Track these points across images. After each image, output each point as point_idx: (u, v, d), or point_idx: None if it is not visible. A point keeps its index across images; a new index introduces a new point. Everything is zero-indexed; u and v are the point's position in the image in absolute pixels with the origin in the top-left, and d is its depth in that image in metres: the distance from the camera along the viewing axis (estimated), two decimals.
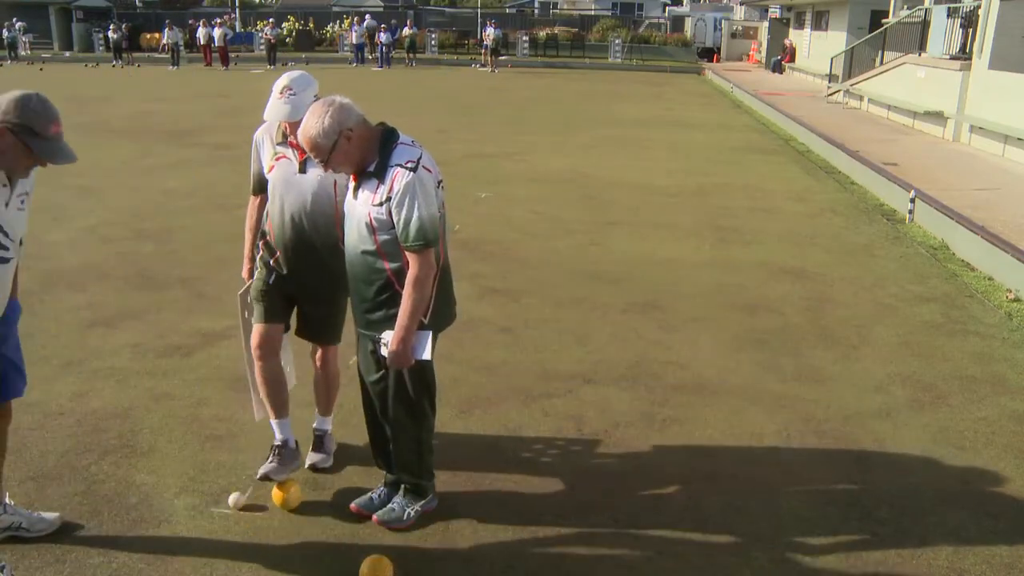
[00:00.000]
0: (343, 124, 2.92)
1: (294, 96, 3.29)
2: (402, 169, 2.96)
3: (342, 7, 43.77)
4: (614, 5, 51.25)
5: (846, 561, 3.19)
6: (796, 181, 11.08)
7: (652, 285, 6.46)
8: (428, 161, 3.04)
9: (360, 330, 3.26)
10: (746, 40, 38.21)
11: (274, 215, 3.50)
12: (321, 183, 3.40)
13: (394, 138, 3.04)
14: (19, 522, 3.16)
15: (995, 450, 4.08)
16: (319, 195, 3.41)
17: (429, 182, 3.00)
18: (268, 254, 3.55)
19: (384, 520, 3.35)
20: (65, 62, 32.13)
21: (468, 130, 14.94)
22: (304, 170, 3.41)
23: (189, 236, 7.58)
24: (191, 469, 3.72)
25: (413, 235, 2.94)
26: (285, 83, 3.31)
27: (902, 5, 19.96)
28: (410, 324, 3.00)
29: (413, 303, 2.98)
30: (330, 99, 2.99)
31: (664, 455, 3.95)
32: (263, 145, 3.54)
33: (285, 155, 3.45)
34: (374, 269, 3.07)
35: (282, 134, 3.46)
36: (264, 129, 3.56)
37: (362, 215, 3.03)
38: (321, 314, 3.62)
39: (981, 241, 7.29)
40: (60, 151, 2.65)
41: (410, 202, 2.93)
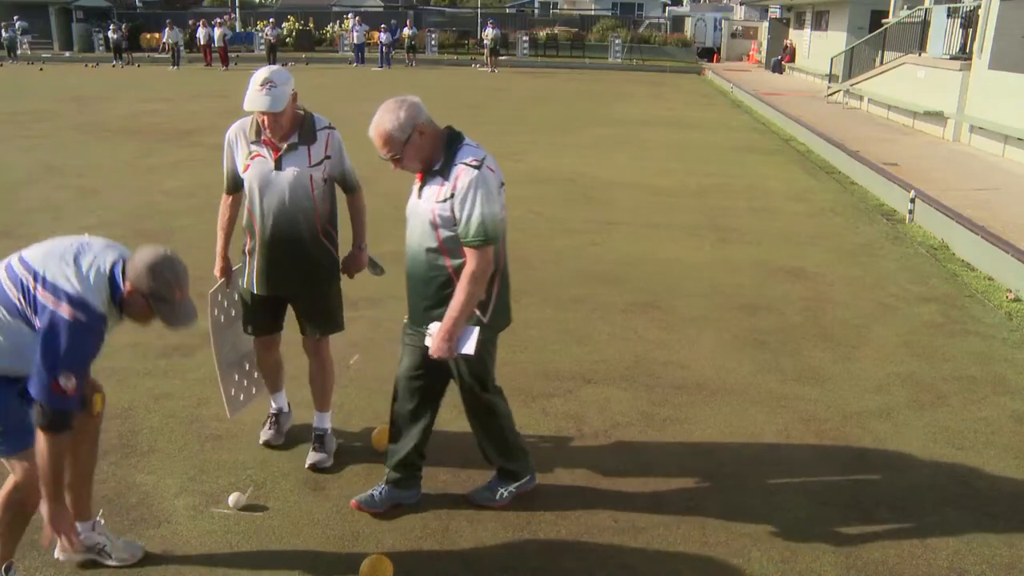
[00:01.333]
0: (417, 120, 3.02)
1: (274, 88, 3.32)
2: (466, 167, 3.02)
3: (342, 7, 43.75)
4: (614, 5, 51.24)
5: (846, 561, 3.19)
6: (796, 181, 11.08)
7: (652, 285, 6.46)
8: (492, 162, 3.11)
9: (414, 327, 3.29)
10: (746, 40, 38.20)
11: (254, 213, 3.53)
12: (298, 178, 3.46)
13: (460, 139, 3.12)
14: (103, 544, 3.06)
15: (995, 450, 4.08)
16: (297, 190, 3.47)
17: (492, 181, 3.06)
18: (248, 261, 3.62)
19: (476, 499, 3.48)
20: (65, 62, 32.12)
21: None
22: (280, 167, 3.46)
23: (189, 236, 7.57)
24: (191, 469, 3.72)
25: (473, 231, 3.00)
26: (265, 76, 3.34)
27: (902, 5, 19.95)
28: (459, 317, 3.05)
29: (466, 297, 3.03)
30: (403, 97, 3.06)
31: (664, 455, 3.95)
32: (237, 144, 3.55)
33: (260, 153, 3.48)
34: (435, 266, 3.13)
35: (255, 132, 3.49)
36: (237, 128, 3.57)
37: (426, 212, 3.09)
38: (319, 306, 3.68)
39: (981, 241, 7.29)
40: (181, 316, 2.67)
41: (472, 199, 2.99)
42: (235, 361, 3.92)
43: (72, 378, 2.48)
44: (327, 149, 3.54)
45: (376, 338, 5.26)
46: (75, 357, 2.49)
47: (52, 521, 2.65)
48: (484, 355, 3.23)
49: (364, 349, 5.07)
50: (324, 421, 3.85)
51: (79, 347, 2.50)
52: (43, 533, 2.70)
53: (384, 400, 4.40)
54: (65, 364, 2.47)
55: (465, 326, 3.08)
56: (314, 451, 3.79)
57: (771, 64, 30.64)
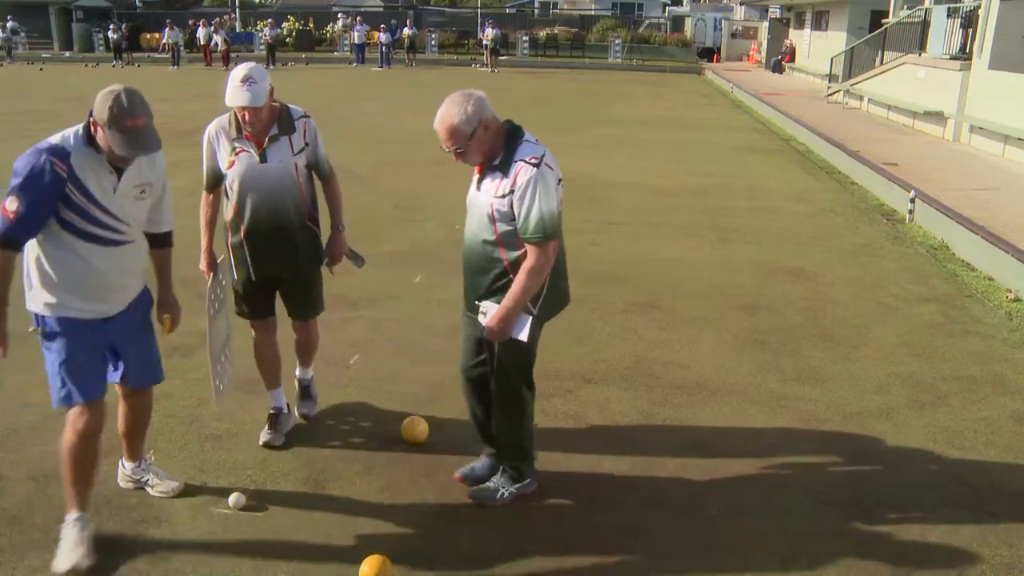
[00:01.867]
0: (483, 114, 3.10)
1: (254, 85, 3.45)
2: (526, 164, 3.09)
3: (342, 7, 43.77)
4: (614, 5, 51.22)
5: (846, 561, 3.19)
6: (796, 181, 11.08)
7: (652, 285, 6.46)
8: (550, 159, 3.17)
9: (469, 313, 3.38)
10: (746, 40, 38.21)
11: (241, 208, 3.67)
12: (284, 168, 3.64)
13: (520, 135, 3.18)
14: (148, 479, 3.51)
15: (995, 450, 4.08)
16: (284, 179, 3.65)
17: (551, 179, 3.13)
18: (240, 246, 3.75)
19: (478, 496, 3.49)
20: (65, 62, 32.12)
21: None
22: (265, 159, 3.61)
23: (189, 236, 7.56)
24: (191, 469, 3.72)
25: (532, 228, 3.07)
26: (245, 73, 3.47)
27: (902, 5, 19.95)
28: (515, 306, 3.14)
29: (523, 288, 3.12)
30: (469, 92, 3.13)
31: (664, 455, 3.95)
32: (219, 142, 3.66)
33: (244, 149, 3.62)
34: (491, 258, 3.22)
35: (236, 129, 3.61)
36: (216, 127, 3.67)
37: (484, 205, 3.18)
38: (305, 291, 3.89)
39: (981, 241, 7.29)
40: (135, 143, 2.86)
41: (532, 196, 3.06)
42: (219, 352, 3.94)
43: (16, 202, 2.82)
44: (305, 137, 3.71)
45: (376, 338, 5.26)
46: (20, 184, 2.83)
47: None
48: (531, 344, 3.30)
49: (364, 349, 5.07)
50: (307, 373, 4.19)
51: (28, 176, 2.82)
52: None
53: (384, 399, 4.42)
54: (11, 190, 2.83)
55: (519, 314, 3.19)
56: (301, 401, 4.14)
57: (771, 64, 30.65)
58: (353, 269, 4.15)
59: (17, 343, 5.08)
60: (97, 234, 2.97)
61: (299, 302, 3.91)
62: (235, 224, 3.73)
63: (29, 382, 4.57)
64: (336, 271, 4.05)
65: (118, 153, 2.86)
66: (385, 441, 4.00)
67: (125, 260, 3.11)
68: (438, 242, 7.41)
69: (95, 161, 2.92)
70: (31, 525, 3.28)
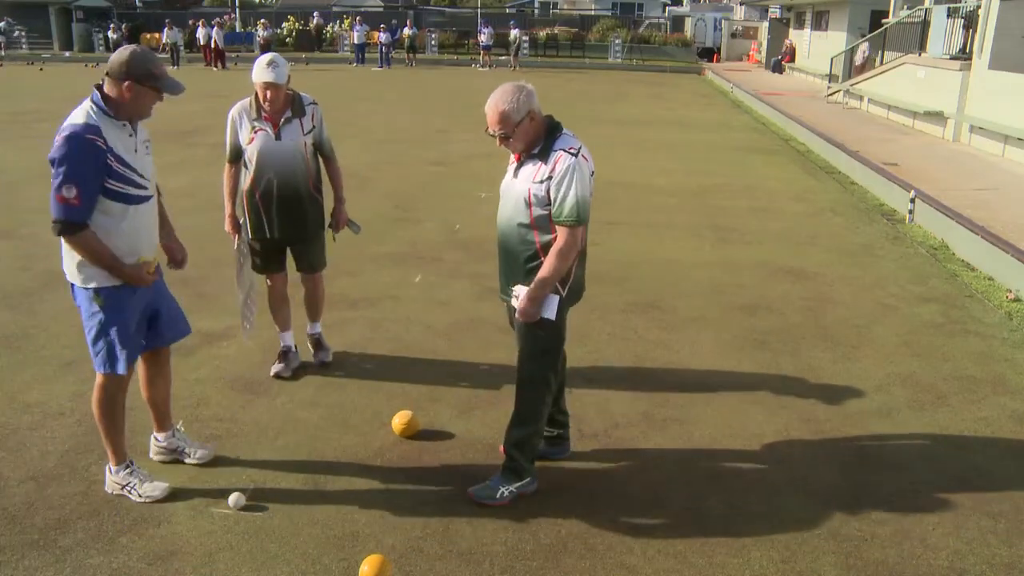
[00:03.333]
0: (531, 105, 3.32)
1: (278, 67, 4.19)
2: (565, 153, 3.30)
3: (342, 7, 43.79)
4: (614, 5, 51.24)
5: (846, 561, 3.19)
6: (796, 181, 11.08)
7: (652, 285, 6.46)
8: (586, 152, 3.36)
9: (503, 296, 3.58)
10: (746, 40, 38.22)
11: (259, 178, 4.33)
12: (296, 146, 4.33)
13: (559, 128, 3.40)
14: (182, 447, 3.77)
15: (995, 450, 4.08)
16: (296, 156, 4.35)
17: (586, 169, 3.32)
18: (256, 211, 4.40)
19: (477, 496, 3.52)
20: (65, 62, 32.12)
21: (469, 130, 14.93)
22: (280, 137, 4.30)
23: (189, 236, 7.54)
24: (191, 469, 3.72)
25: (567, 212, 3.25)
26: (270, 58, 4.23)
27: (902, 5, 19.96)
28: (544, 286, 3.32)
29: (553, 269, 3.30)
30: (521, 84, 3.37)
31: (664, 455, 3.95)
32: (241, 122, 4.34)
33: (263, 128, 4.30)
34: (525, 240, 3.39)
35: (256, 110, 4.28)
36: (240, 108, 4.34)
37: (521, 191, 3.35)
38: (311, 249, 4.60)
39: (981, 241, 7.29)
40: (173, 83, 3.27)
41: (568, 182, 3.25)
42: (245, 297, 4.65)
43: (72, 188, 3.01)
44: (313, 120, 4.41)
45: (376, 338, 5.26)
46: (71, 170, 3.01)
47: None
48: (556, 327, 3.44)
49: (364, 349, 5.07)
50: (317, 327, 4.85)
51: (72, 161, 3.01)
52: None
53: (384, 400, 4.42)
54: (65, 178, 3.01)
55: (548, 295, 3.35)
56: (316, 352, 4.81)
57: (771, 64, 30.65)
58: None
59: (14, 346, 5.10)
60: (133, 194, 3.23)
61: (307, 257, 4.62)
62: (252, 192, 4.37)
63: (29, 382, 4.58)
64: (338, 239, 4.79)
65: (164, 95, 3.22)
66: (385, 441, 4.00)
67: (152, 215, 3.42)
68: (438, 242, 7.41)
69: (117, 127, 3.17)
70: (31, 525, 3.29)
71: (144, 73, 3.13)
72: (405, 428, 4.03)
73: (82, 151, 3.03)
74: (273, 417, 4.23)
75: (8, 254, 6.99)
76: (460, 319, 5.68)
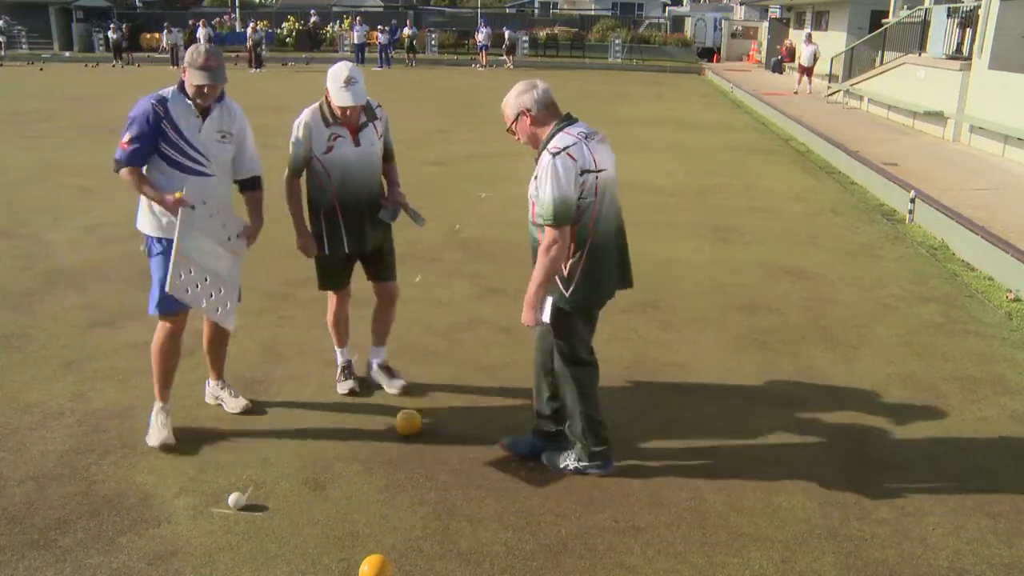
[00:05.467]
0: (526, 104, 3.44)
1: (356, 84, 3.95)
2: (547, 152, 3.35)
3: (342, 7, 43.80)
4: (614, 5, 51.25)
5: (846, 561, 3.19)
6: (796, 181, 11.08)
7: (652, 285, 6.45)
8: (577, 150, 3.35)
9: None
10: (746, 40, 38.22)
11: (339, 187, 4.12)
12: (374, 150, 4.20)
13: (563, 126, 3.43)
14: (222, 396, 4.31)
15: (995, 450, 4.08)
16: (372, 160, 4.21)
17: (567, 168, 3.30)
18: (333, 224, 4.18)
19: (547, 460, 3.77)
20: (65, 62, 32.11)
21: (468, 130, 14.94)
22: (359, 144, 4.13)
23: None
24: (191, 469, 3.72)
25: (540, 211, 3.35)
26: (346, 74, 3.93)
27: (902, 5, 19.97)
28: (535, 287, 3.40)
29: (539, 268, 3.38)
30: (533, 81, 3.52)
31: (664, 455, 3.95)
32: (314, 131, 4.08)
33: (340, 134, 4.09)
34: (534, 238, 3.51)
35: (330, 115, 4.05)
36: (311, 115, 4.08)
37: (530, 189, 3.48)
38: (383, 256, 4.38)
39: (981, 241, 7.29)
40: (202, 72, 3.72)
41: (543, 181, 3.31)
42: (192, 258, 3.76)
43: (125, 135, 3.73)
44: (382, 123, 4.28)
45: None
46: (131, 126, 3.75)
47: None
48: (562, 327, 3.54)
49: (364, 349, 5.06)
50: (383, 353, 4.61)
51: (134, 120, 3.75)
52: None
53: (384, 400, 4.42)
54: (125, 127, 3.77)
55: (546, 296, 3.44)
56: (393, 379, 4.52)
57: (771, 64, 30.65)
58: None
59: (14, 346, 5.10)
60: (184, 164, 3.77)
61: (383, 266, 4.41)
62: (330, 202, 4.16)
63: (29, 382, 4.58)
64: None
65: (195, 84, 3.71)
66: (385, 441, 4.00)
67: (207, 189, 3.81)
68: (438, 242, 7.41)
69: (185, 106, 3.77)
70: (31, 525, 3.29)
71: (188, 62, 3.74)
72: (407, 426, 4.03)
73: (141, 111, 3.73)
74: (273, 417, 4.23)
75: (8, 254, 6.99)
76: (460, 319, 5.68)
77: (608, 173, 3.45)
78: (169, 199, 3.72)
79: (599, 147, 3.43)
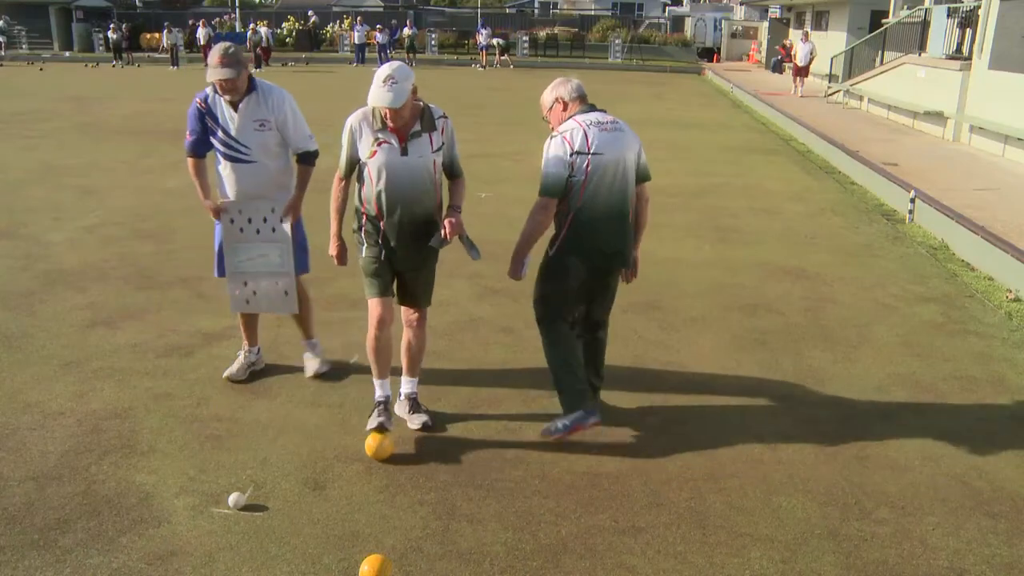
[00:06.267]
0: (559, 94, 3.99)
1: (395, 85, 3.65)
2: (552, 134, 3.89)
3: (342, 7, 43.80)
4: (614, 5, 51.28)
5: (846, 561, 3.19)
6: (796, 181, 11.08)
7: (652, 285, 6.46)
8: (573, 135, 3.81)
9: None
10: (746, 40, 38.21)
11: (378, 196, 3.84)
12: (424, 164, 3.84)
13: (576, 114, 3.94)
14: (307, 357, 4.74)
15: (995, 450, 4.08)
16: (422, 173, 3.85)
17: (559, 148, 3.81)
18: (375, 231, 3.92)
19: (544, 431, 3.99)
20: (65, 62, 32.12)
21: (468, 130, 14.94)
22: (406, 153, 3.80)
23: (189, 236, 7.58)
24: (191, 469, 3.72)
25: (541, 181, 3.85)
26: (388, 73, 3.68)
27: (902, 5, 19.97)
28: (518, 245, 3.95)
29: (523, 228, 3.93)
30: (567, 78, 4.04)
31: (664, 455, 3.95)
32: (361, 133, 3.83)
33: (387, 140, 3.79)
34: None
35: (380, 121, 3.79)
36: (360, 117, 3.85)
37: None
38: (421, 279, 4.06)
39: (981, 241, 7.29)
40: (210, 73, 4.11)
41: (543, 158, 3.86)
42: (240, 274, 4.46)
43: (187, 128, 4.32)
44: (444, 135, 3.93)
45: None
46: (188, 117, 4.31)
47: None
48: (539, 283, 4.02)
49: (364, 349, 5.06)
50: (414, 385, 4.24)
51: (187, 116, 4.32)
52: None
53: None
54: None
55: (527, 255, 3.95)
56: (415, 413, 4.16)
57: (771, 64, 30.65)
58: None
59: (14, 346, 5.10)
60: (231, 153, 4.28)
61: (417, 291, 4.06)
62: (371, 210, 3.89)
63: (29, 382, 4.58)
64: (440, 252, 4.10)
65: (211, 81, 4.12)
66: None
67: (252, 174, 4.30)
68: None
69: (221, 101, 4.22)
70: (31, 525, 3.29)
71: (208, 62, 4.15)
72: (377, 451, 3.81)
73: (191, 107, 4.28)
74: (273, 417, 4.23)
75: (8, 254, 6.99)
76: (460, 319, 5.68)
77: (605, 158, 3.81)
78: (207, 203, 4.30)
79: (602, 134, 3.83)
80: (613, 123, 3.93)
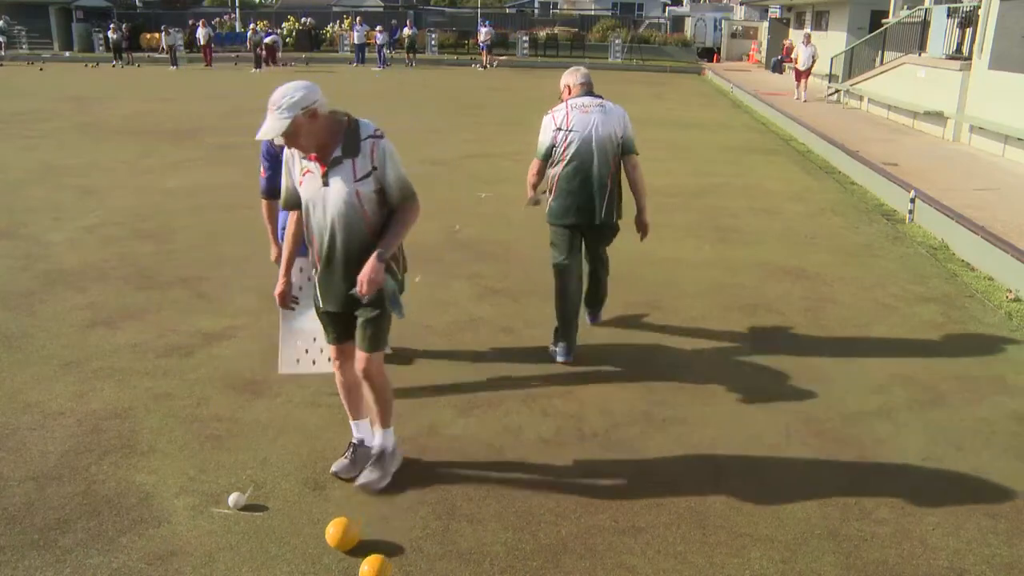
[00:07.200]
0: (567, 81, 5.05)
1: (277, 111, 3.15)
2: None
3: (342, 7, 43.80)
4: (614, 5, 51.27)
5: (846, 561, 3.19)
6: (796, 181, 11.08)
7: (652, 285, 6.46)
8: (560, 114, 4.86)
9: None
10: (746, 40, 38.20)
11: (311, 230, 3.40)
12: (345, 194, 3.27)
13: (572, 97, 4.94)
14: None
15: (995, 450, 4.08)
16: (344, 206, 3.29)
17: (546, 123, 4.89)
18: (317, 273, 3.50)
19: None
20: (65, 62, 32.12)
21: (468, 130, 14.94)
22: (327, 183, 3.28)
23: (189, 236, 7.58)
24: (191, 469, 3.72)
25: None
26: (273, 97, 3.17)
27: (902, 5, 19.96)
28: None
29: None
30: (578, 67, 5.05)
31: (664, 455, 3.95)
32: (293, 160, 3.38)
33: (310, 169, 3.31)
34: None
35: None
36: None
37: None
38: (364, 320, 3.44)
39: (981, 241, 7.29)
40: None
41: None
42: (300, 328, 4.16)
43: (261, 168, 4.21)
44: (373, 160, 3.29)
45: None
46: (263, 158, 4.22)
47: None
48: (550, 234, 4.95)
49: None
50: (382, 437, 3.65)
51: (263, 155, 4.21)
52: None
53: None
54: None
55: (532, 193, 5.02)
56: (370, 468, 3.61)
57: (771, 64, 30.64)
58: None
59: (14, 346, 5.10)
60: None
61: (360, 331, 3.46)
62: (309, 246, 3.47)
63: (29, 382, 4.58)
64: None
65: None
66: None
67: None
68: (437, 242, 7.40)
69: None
70: (31, 525, 3.29)
71: None
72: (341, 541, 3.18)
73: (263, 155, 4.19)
74: (273, 417, 4.23)
75: (8, 254, 6.99)
76: (460, 319, 5.69)
77: (581, 135, 4.74)
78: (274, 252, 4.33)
79: (580, 115, 4.78)
80: (598, 106, 4.82)
